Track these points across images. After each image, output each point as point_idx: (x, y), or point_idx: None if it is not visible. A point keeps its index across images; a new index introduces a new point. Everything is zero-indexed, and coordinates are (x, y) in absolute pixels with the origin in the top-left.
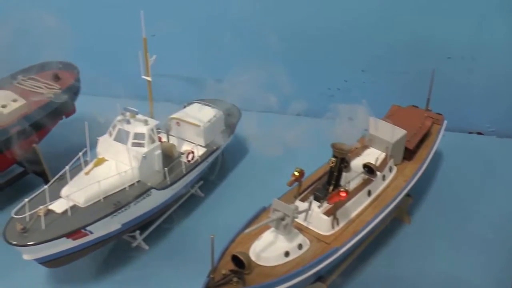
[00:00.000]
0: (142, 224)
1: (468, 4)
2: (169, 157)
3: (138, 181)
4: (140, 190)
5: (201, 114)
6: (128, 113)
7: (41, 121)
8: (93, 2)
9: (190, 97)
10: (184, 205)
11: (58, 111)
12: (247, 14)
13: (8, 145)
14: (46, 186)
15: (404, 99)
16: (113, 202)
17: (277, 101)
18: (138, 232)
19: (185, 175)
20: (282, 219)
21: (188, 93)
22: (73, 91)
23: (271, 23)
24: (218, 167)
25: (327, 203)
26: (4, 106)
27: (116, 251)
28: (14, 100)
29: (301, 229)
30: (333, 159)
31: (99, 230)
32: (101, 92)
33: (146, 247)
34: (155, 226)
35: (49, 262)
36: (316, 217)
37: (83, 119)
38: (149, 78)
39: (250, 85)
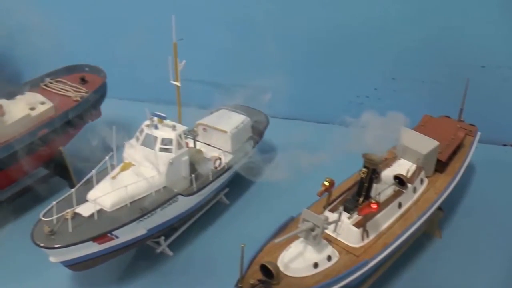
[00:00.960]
0: (167, 230)
1: (504, 12)
2: (195, 163)
3: (165, 187)
4: (166, 196)
5: (229, 120)
6: (156, 118)
7: (68, 124)
8: (121, 6)
9: (217, 103)
10: (209, 212)
11: (84, 114)
12: (275, 20)
13: (36, 147)
14: (73, 190)
15: (436, 109)
16: (140, 207)
17: (305, 108)
18: (162, 238)
19: (211, 182)
20: (312, 229)
21: (215, 99)
22: (100, 94)
23: (299, 29)
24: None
25: (358, 214)
26: (32, 109)
27: (140, 256)
28: (42, 103)
29: (330, 240)
30: (364, 169)
31: (125, 235)
32: (127, 95)
33: (170, 253)
34: (180, 232)
35: (74, 265)
36: (345, 228)
37: (108, 123)
38: (178, 83)
39: (277, 92)
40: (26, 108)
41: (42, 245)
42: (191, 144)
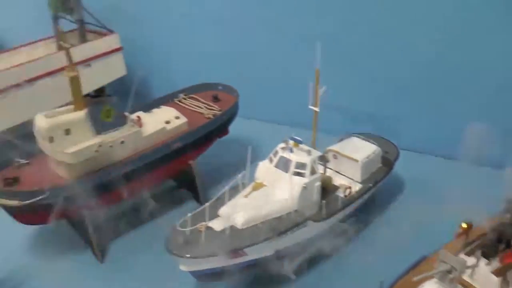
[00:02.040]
0: (293, 253)
1: None
2: (325, 189)
3: (296, 211)
4: (297, 219)
5: (360, 149)
6: (291, 141)
7: (199, 140)
8: (262, 29)
9: (346, 130)
10: (335, 239)
11: (215, 131)
12: (413, 50)
13: (169, 159)
14: (207, 204)
15: None
16: (270, 227)
17: (437, 142)
18: (287, 260)
19: (340, 209)
20: (449, 272)
21: (345, 125)
22: (231, 113)
23: (438, 64)
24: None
25: (500, 262)
26: (167, 122)
27: (263, 276)
28: (177, 117)
29: (465, 285)
30: (508, 215)
31: (254, 253)
32: (254, 115)
33: (293, 276)
34: (304, 257)
35: (202, 276)
36: (483, 275)
37: (236, 141)
38: (317, 109)
39: (410, 123)
40: (162, 121)
41: (175, 253)
42: (320, 170)
